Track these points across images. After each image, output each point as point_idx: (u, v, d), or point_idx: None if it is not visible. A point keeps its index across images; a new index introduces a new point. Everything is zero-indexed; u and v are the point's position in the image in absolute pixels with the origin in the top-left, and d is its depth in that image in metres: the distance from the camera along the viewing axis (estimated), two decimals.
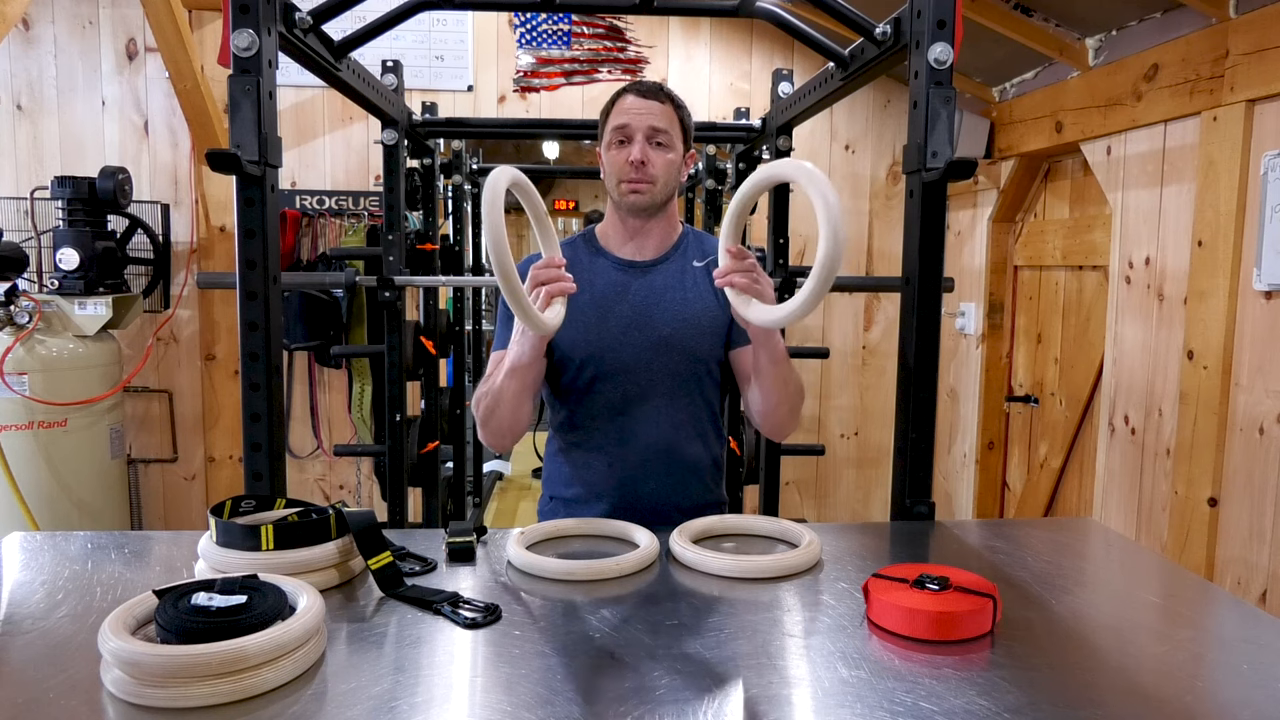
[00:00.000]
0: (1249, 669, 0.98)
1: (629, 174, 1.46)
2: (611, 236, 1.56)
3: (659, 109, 1.47)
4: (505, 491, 5.03)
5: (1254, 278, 2.09)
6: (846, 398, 3.94)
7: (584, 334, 1.49)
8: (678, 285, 1.53)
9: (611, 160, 1.48)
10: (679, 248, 1.57)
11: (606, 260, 1.55)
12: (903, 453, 1.65)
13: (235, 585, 0.96)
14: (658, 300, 1.51)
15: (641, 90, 1.48)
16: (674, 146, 1.48)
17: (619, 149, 1.47)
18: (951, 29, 1.56)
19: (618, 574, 1.21)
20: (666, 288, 1.52)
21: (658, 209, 1.51)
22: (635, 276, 1.53)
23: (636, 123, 1.45)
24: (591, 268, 1.54)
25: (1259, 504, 2.09)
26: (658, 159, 1.46)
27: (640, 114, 1.45)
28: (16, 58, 3.49)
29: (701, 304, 1.52)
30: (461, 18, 3.63)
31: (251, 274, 1.61)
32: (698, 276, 1.54)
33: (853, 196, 3.85)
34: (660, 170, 1.47)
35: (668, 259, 1.55)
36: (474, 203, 3.98)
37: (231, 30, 1.55)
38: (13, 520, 2.99)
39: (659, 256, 1.55)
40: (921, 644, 1.01)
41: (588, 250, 1.57)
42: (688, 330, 1.50)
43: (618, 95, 1.50)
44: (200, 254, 3.63)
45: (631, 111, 1.46)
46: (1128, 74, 2.53)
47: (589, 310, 1.50)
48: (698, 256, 1.56)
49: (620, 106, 1.48)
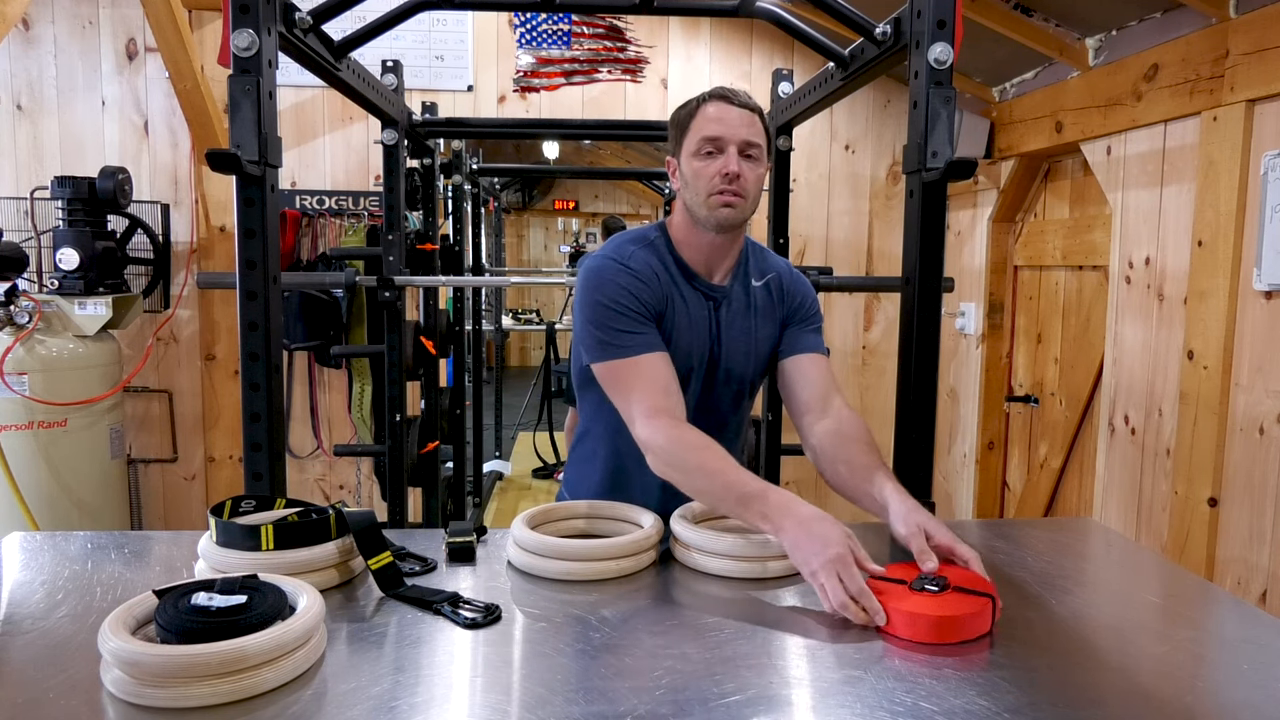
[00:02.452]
0: (1249, 669, 0.98)
1: (720, 186, 1.38)
2: (687, 249, 1.47)
3: (750, 119, 1.40)
4: (505, 491, 5.03)
5: (1254, 278, 2.09)
6: (847, 398, 3.93)
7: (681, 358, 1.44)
8: (744, 312, 1.49)
9: (699, 171, 1.40)
10: (741, 264, 1.52)
11: (689, 278, 1.47)
12: (903, 453, 1.65)
13: (235, 585, 0.96)
14: (732, 333, 1.48)
15: (733, 99, 1.41)
16: (762, 160, 1.43)
17: (708, 160, 1.39)
18: (951, 29, 1.56)
19: (618, 574, 1.21)
20: (738, 315, 1.49)
21: (743, 224, 1.46)
22: (711, 303, 1.48)
23: (731, 134, 1.38)
24: (680, 284, 1.46)
25: (1259, 504, 2.09)
26: (750, 173, 1.40)
27: (735, 125, 1.38)
28: (16, 58, 3.49)
29: (765, 331, 1.51)
30: (461, 18, 3.63)
31: (251, 274, 1.61)
32: (758, 299, 1.51)
33: (853, 196, 3.85)
34: (752, 185, 1.41)
35: (734, 280, 1.51)
36: (474, 203, 3.98)
37: (231, 30, 1.55)
38: (13, 520, 2.99)
39: (729, 279, 1.50)
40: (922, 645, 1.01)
41: (673, 262, 1.47)
42: (752, 363, 1.51)
43: (702, 100, 1.43)
44: (200, 254, 3.62)
45: (725, 121, 1.39)
46: (1128, 74, 2.53)
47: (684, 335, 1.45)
48: (757, 275, 1.52)
49: (709, 114, 1.40)
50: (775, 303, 1.53)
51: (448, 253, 3.53)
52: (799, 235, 3.75)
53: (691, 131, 1.42)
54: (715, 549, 1.23)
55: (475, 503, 4.18)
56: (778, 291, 1.54)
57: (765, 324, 1.52)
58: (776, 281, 1.54)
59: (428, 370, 3.20)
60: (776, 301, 1.54)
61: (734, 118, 1.39)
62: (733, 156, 1.38)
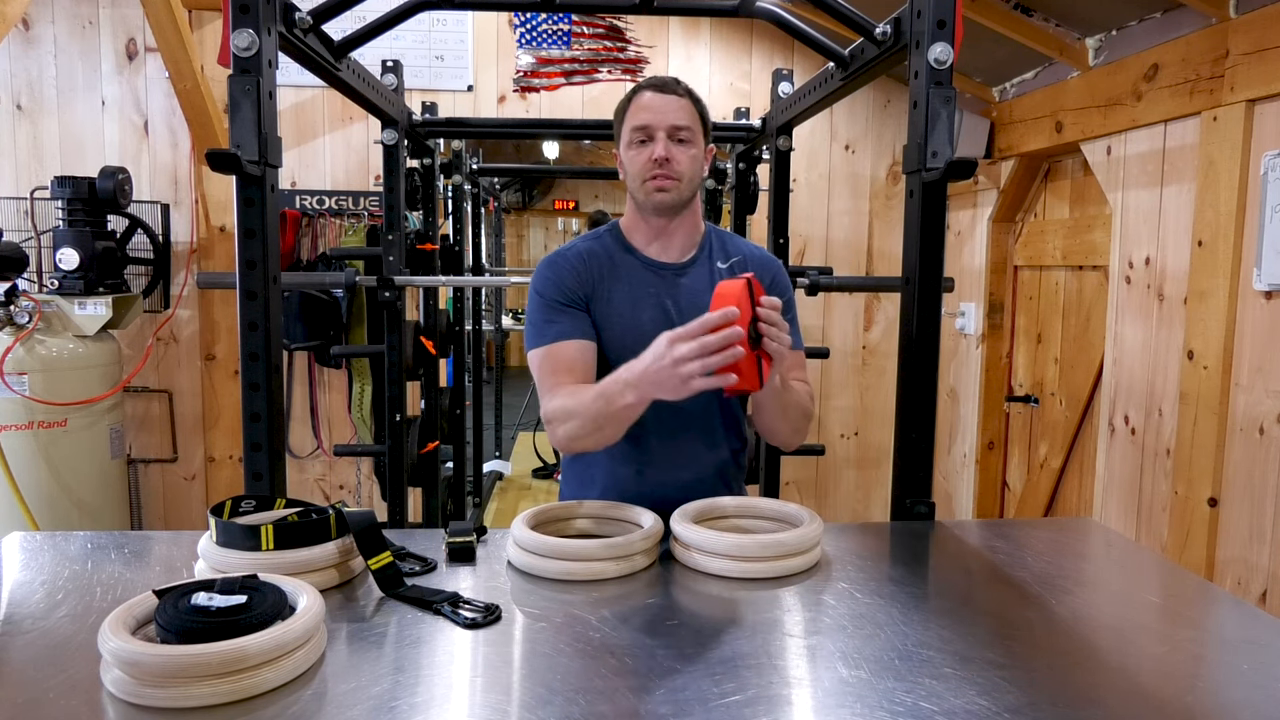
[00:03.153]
0: (1249, 669, 0.97)
1: (652, 171, 1.43)
2: (637, 234, 1.53)
3: (678, 104, 1.44)
4: (505, 491, 5.03)
5: (1254, 278, 2.09)
6: (846, 398, 3.94)
7: (622, 336, 1.46)
8: (706, 289, 1.48)
9: (633, 160, 1.45)
10: (704, 248, 1.54)
11: (635, 259, 1.51)
12: (903, 453, 1.65)
13: (235, 585, 0.96)
14: (688, 307, 1.47)
15: (660, 86, 1.45)
16: (696, 142, 1.45)
17: (640, 148, 1.44)
18: (951, 29, 1.56)
19: (618, 574, 1.21)
20: (695, 292, 1.49)
21: (682, 207, 1.48)
22: (665, 279, 1.50)
23: (657, 120, 1.42)
24: (621, 264, 1.50)
25: (1259, 504, 2.09)
26: (681, 155, 1.43)
27: (660, 111, 1.42)
28: (16, 58, 3.49)
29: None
30: (461, 18, 3.63)
31: (251, 274, 1.61)
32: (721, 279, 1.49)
33: (853, 196, 3.85)
34: (685, 166, 1.44)
35: (695, 261, 1.52)
36: (474, 203, 3.98)
37: (231, 30, 1.55)
38: (13, 520, 2.99)
39: (686, 259, 1.52)
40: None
41: (616, 245, 1.53)
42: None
43: (634, 92, 1.47)
44: (200, 254, 3.62)
45: (651, 109, 1.43)
46: (1128, 74, 2.53)
47: (628, 313, 1.47)
48: (722, 257, 1.53)
49: (639, 104, 1.45)
50: None
51: (448, 253, 3.52)
52: (799, 235, 3.75)
53: (625, 122, 1.47)
54: (715, 549, 1.23)
55: (475, 503, 4.18)
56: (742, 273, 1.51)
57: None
58: (742, 264, 1.53)
59: (428, 370, 3.20)
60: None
61: (662, 104, 1.43)
62: (661, 142, 1.42)
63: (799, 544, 1.24)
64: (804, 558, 1.25)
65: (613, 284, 1.49)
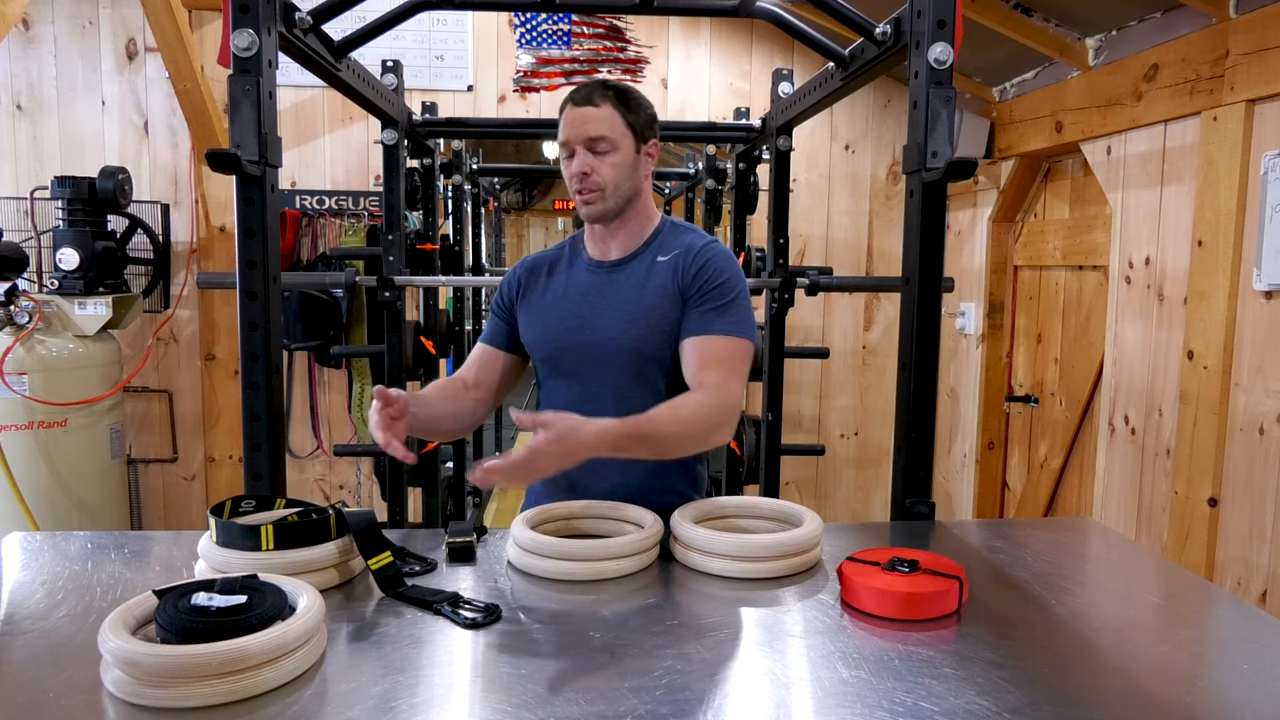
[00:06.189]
0: (1249, 669, 0.98)
1: (576, 186, 1.45)
2: (589, 238, 1.57)
3: (594, 114, 1.43)
4: (505, 491, 5.02)
5: (1254, 278, 2.09)
6: (846, 398, 3.94)
7: (541, 334, 1.53)
8: (639, 284, 1.48)
9: (565, 174, 1.47)
10: (651, 243, 1.52)
11: (581, 260, 1.55)
12: (902, 453, 1.65)
13: (235, 585, 0.96)
14: (611, 301, 1.48)
15: (576, 99, 1.45)
16: (618, 147, 1.44)
17: (567, 163, 1.46)
18: (951, 29, 1.56)
19: (618, 574, 1.21)
20: (626, 287, 1.49)
21: (615, 213, 1.48)
22: (598, 277, 1.52)
23: (574, 135, 1.43)
24: (570, 269, 1.56)
25: (1259, 504, 2.09)
26: (602, 166, 1.43)
27: (576, 125, 1.43)
28: (16, 58, 3.49)
29: (655, 300, 1.46)
30: (461, 18, 3.63)
31: (251, 274, 1.61)
32: (656, 272, 1.48)
33: (853, 196, 3.85)
34: (606, 177, 1.43)
35: (635, 257, 1.51)
36: (474, 203, 3.98)
37: (231, 30, 1.55)
38: (13, 520, 2.99)
39: (626, 255, 1.52)
40: (895, 623, 1.05)
41: (571, 250, 1.59)
42: (635, 330, 1.45)
43: (562, 107, 1.48)
44: (200, 254, 3.62)
45: (570, 123, 1.44)
46: (1128, 74, 2.53)
47: (549, 312, 1.52)
48: (665, 251, 1.51)
49: (562, 119, 1.46)
50: (672, 276, 1.47)
51: (448, 253, 3.52)
52: (799, 235, 3.75)
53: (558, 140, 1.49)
54: (715, 549, 1.23)
55: (475, 503, 4.18)
56: (681, 266, 1.47)
57: (658, 296, 1.46)
58: (681, 257, 1.49)
59: (428, 370, 3.20)
60: (677, 275, 1.47)
61: (578, 117, 1.44)
62: (579, 156, 1.44)
63: (799, 544, 1.24)
64: (804, 557, 1.25)
65: (547, 286, 1.55)
